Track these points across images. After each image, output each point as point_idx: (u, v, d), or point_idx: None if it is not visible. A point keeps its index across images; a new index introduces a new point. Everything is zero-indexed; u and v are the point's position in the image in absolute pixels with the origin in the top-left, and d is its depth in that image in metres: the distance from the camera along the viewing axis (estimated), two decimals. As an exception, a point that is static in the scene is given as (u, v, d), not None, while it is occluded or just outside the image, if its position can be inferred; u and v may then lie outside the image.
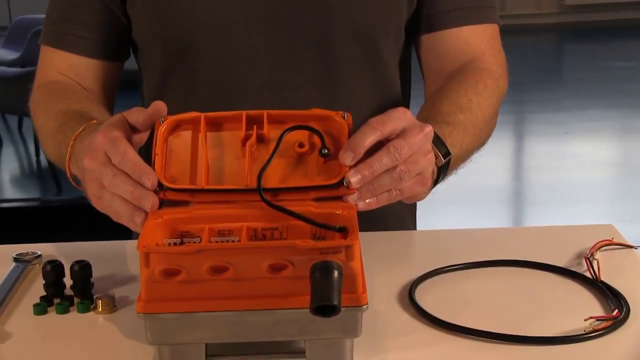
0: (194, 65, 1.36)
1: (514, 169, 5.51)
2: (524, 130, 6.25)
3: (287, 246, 0.96)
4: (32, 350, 1.07)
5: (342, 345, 0.99)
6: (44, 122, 1.31)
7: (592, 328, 1.04)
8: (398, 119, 1.06)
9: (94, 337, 1.08)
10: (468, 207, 4.49)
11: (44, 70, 1.40)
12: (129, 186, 1.02)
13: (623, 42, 8.33)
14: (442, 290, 1.17)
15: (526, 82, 7.06)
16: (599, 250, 1.24)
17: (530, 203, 4.94)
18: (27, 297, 1.17)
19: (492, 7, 1.41)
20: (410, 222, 1.51)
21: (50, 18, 1.40)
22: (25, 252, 1.28)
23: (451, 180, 1.25)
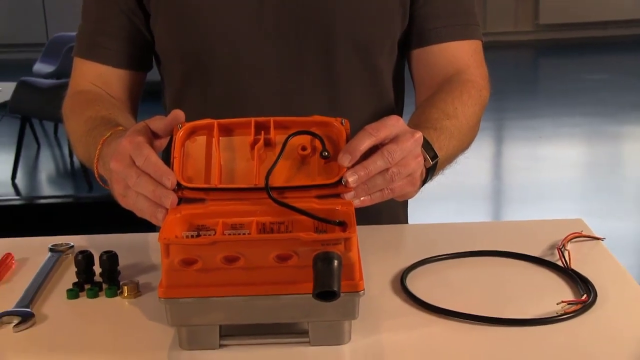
0: (210, 76, 1.35)
1: (494, 170, 5.49)
2: (503, 135, 6.24)
3: (292, 238, 0.96)
4: (65, 330, 1.06)
5: (341, 326, 0.99)
6: (75, 127, 1.30)
7: (563, 311, 1.04)
8: (392, 126, 1.06)
9: (120, 319, 1.08)
10: (454, 204, 4.48)
11: (76, 79, 1.40)
12: (151, 186, 1.02)
13: (591, 57, 8.31)
14: (431, 278, 1.16)
15: (505, 92, 7.04)
16: (569, 241, 1.24)
17: (508, 200, 4.93)
18: (61, 284, 1.17)
19: (476, 25, 1.40)
20: (402, 217, 1.51)
21: (82, 32, 1.40)
22: (59, 243, 1.27)
23: (439, 179, 1.24)
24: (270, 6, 1.30)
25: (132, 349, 1.00)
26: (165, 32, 1.35)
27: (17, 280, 1.18)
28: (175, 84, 1.39)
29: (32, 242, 1.29)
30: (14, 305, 1.09)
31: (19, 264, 1.23)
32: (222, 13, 1.31)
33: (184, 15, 1.32)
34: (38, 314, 1.08)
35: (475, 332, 1.02)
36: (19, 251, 1.26)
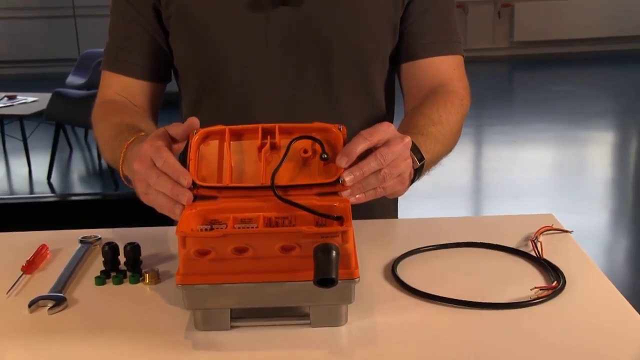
0: (222, 87, 1.34)
1: (475, 170, 5.48)
2: (482, 139, 6.22)
3: (295, 231, 0.95)
4: (94, 312, 1.05)
5: (338, 309, 0.98)
6: (102, 132, 1.29)
7: (536, 296, 1.03)
8: (384, 131, 1.05)
9: (142, 303, 1.07)
10: (439, 201, 4.47)
11: (104, 90, 1.38)
12: (170, 185, 1.01)
13: (559, 70, 8.29)
14: (419, 266, 1.15)
15: (484, 101, 7.03)
16: (541, 234, 1.23)
17: (486, 197, 4.91)
18: (90, 271, 1.16)
19: (458, 42, 1.38)
20: (393, 212, 1.50)
21: (109, 49, 1.39)
22: (88, 236, 1.26)
23: (426, 179, 1.23)
24: (276, 26, 1.29)
25: (153, 329, 0.99)
26: (183, 49, 1.34)
27: (51, 268, 1.17)
28: (192, 94, 1.38)
29: (65, 234, 1.28)
30: (49, 290, 1.08)
31: (53, 254, 1.22)
32: (233, 32, 1.29)
33: (198, 34, 1.31)
34: (70, 298, 1.07)
35: (458, 315, 1.01)
36: (53, 243, 1.25)
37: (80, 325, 1.01)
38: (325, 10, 1.29)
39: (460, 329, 0.98)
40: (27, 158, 5.46)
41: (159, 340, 0.96)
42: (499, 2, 8.61)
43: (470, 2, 8.46)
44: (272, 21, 1.29)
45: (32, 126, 5.49)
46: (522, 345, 0.94)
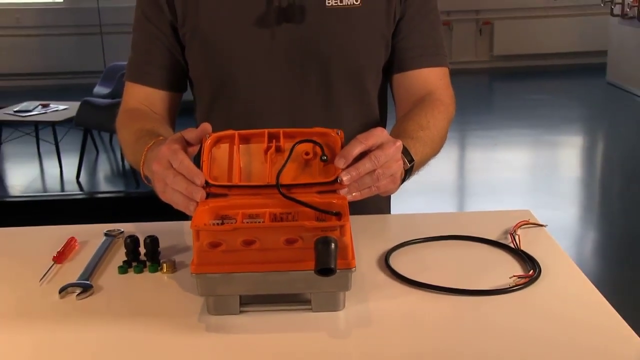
0: (231, 96, 1.32)
1: (459, 170, 5.46)
2: (465, 143, 6.20)
3: (298, 226, 0.94)
4: (117, 298, 1.05)
5: (337, 296, 0.98)
6: (125, 137, 1.28)
7: (514, 283, 1.03)
8: (378, 136, 1.04)
9: (160, 290, 1.06)
10: (427, 198, 4.45)
11: (127, 99, 1.37)
12: (185, 184, 1.00)
13: (534, 81, 8.26)
14: (410, 257, 1.14)
15: (467, 108, 7.01)
16: (519, 227, 1.22)
17: (470, 194, 4.90)
18: (114, 261, 1.15)
19: (444, 55, 1.37)
20: (386, 209, 1.48)
21: (132, 62, 1.37)
22: (112, 229, 1.25)
23: (415, 178, 1.22)
24: (280, 41, 1.28)
25: (169, 314, 0.98)
26: (197, 62, 1.33)
27: (79, 258, 1.16)
28: (204, 102, 1.37)
29: (91, 228, 1.27)
30: (77, 278, 1.07)
31: (80, 246, 1.21)
32: (241, 47, 1.28)
33: (210, 49, 1.30)
34: (95, 285, 1.07)
35: (444, 301, 1.00)
36: (81, 235, 1.24)
37: (104, 310, 1.01)
38: (324, 28, 1.28)
39: (446, 314, 0.97)
40: (59, 160, 5.45)
41: (175, 323, 0.96)
42: (481, 20, 8.59)
43: (455, 20, 8.44)
44: (277, 37, 1.27)
45: (63, 131, 5.47)
46: (500, 329, 0.93)
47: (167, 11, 1.30)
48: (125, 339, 0.93)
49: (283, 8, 1.26)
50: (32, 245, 1.22)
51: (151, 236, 1.13)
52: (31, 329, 0.96)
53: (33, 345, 0.92)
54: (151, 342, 0.92)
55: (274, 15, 1.27)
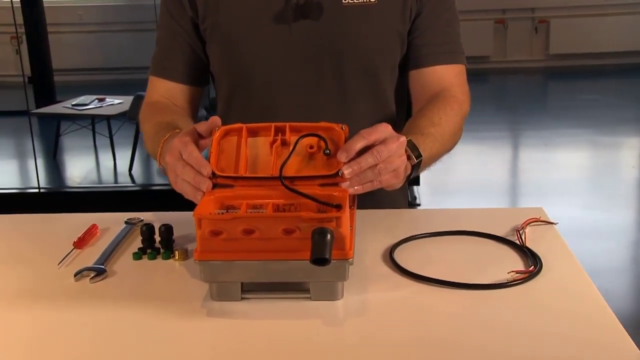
0: (249, 91, 1.36)
1: (509, 170, 5.40)
2: (517, 142, 6.14)
3: (295, 216, 0.96)
4: (129, 282, 1.09)
5: (335, 285, 1.00)
6: (147, 130, 1.33)
7: (512, 278, 1.03)
8: (381, 131, 1.06)
9: (171, 276, 1.10)
10: (474, 197, 4.42)
11: (150, 93, 1.42)
12: (192, 174, 1.04)
13: (592, 80, 8.10)
14: (415, 251, 1.15)
15: (520, 108, 6.94)
16: (528, 225, 1.22)
17: (518, 194, 4.85)
18: (130, 248, 1.19)
19: (461, 53, 1.38)
20: (402, 203, 1.48)
21: (155, 57, 1.42)
22: (133, 218, 1.30)
23: (464, 178, 1.23)
24: (296, 38, 1.31)
25: (176, 298, 1.02)
26: (216, 57, 1.37)
27: (99, 244, 1.21)
28: (224, 96, 1.40)
29: (114, 216, 1.31)
30: (93, 263, 1.12)
31: (101, 232, 1.26)
32: (258, 43, 1.32)
33: (229, 45, 1.33)
34: (109, 270, 1.11)
35: (441, 294, 1.02)
36: (105, 223, 1.28)
37: (115, 293, 1.05)
38: (340, 25, 1.30)
39: (442, 306, 0.99)
40: (113, 153, 5.57)
41: (180, 307, 0.99)
42: (537, 18, 8.45)
43: (510, 19, 8.33)
44: (294, 33, 1.30)
45: (118, 125, 5.59)
46: (494, 322, 0.94)
47: (188, 8, 1.34)
48: (131, 321, 0.97)
49: (300, 5, 1.29)
50: (56, 231, 1.28)
51: (166, 225, 1.17)
52: (43, 308, 1.01)
53: (43, 324, 0.97)
54: (155, 324, 0.96)
55: (291, 12, 1.30)
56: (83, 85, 7.96)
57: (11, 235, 1.29)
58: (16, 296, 1.05)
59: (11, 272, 1.13)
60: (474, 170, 5.41)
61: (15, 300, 1.03)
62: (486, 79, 8.24)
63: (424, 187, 4.51)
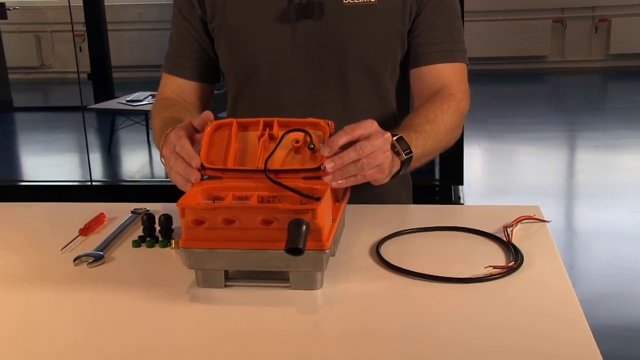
0: (255, 87, 1.40)
1: (562, 171, 5.32)
2: (573, 144, 6.04)
3: (273, 207, 1.00)
4: (125, 268, 1.14)
5: (314, 275, 1.03)
6: (156, 123, 1.38)
7: (490, 273, 1.06)
8: (366, 127, 1.09)
9: (165, 264, 1.15)
10: (526, 197, 4.38)
11: (162, 89, 1.48)
12: (183, 166, 1.09)
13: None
14: (402, 245, 1.18)
15: (577, 109, 6.83)
16: (520, 222, 1.24)
17: (571, 196, 4.77)
18: (132, 236, 1.25)
19: (461, 51, 1.40)
20: (405, 199, 1.51)
21: (168, 55, 1.48)
22: (139, 208, 1.35)
23: (515, 178, 1.24)
24: (300, 37, 1.35)
25: (165, 284, 1.07)
26: (224, 55, 1.42)
27: (104, 232, 1.27)
28: (232, 92, 1.45)
29: (123, 206, 1.37)
30: (93, 249, 1.18)
31: (108, 221, 1.32)
32: (263, 41, 1.36)
33: (235, 43, 1.38)
34: (108, 257, 1.17)
35: (422, 286, 1.04)
36: (113, 212, 1.35)
37: (110, 278, 1.11)
38: (341, 24, 1.34)
39: (419, 298, 1.01)
40: (165, 148, 5.70)
41: (167, 293, 1.04)
42: (597, 17, 8.29)
43: (569, 17, 8.19)
44: (296, 33, 1.34)
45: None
46: (466, 315, 0.96)
47: (197, 7, 1.40)
48: (121, 304, 1.03)
49: (303, 5, 1.33)
50: (66, 219, 1.34)
51: (165, 214, 1.22)
52: (38, 290, 1.07)
53: (35, 304, 1.04)
54: (142, 307, 1.01)
55: (294, 12, 1.34)
56: (141, 82, 8.14)
57: (24, 221, 1.37)
58: (16, 278, 1.12)
59: (15, 256, 1.20)
60: (525, 170, 5.36)
61: (14, 282, 1.10)
62: (543, 79, 8.13)
63: (474, 187, 4.50)
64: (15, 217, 1.41)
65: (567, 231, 4.03)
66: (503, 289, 1.03)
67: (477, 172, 5.10)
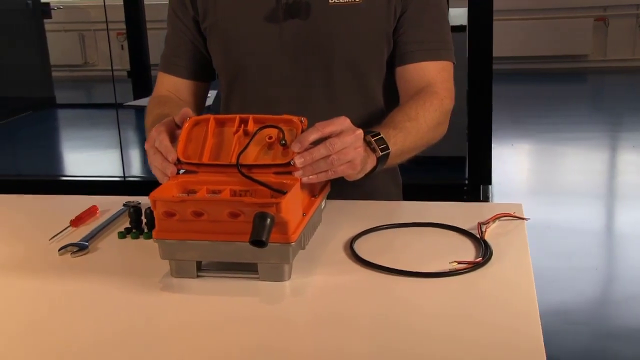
0: (245, 85, 1.44)
1: (609, 170, 5.25)
2: (614, 144, 5.95)
3: (238, 201, 1.04)
4: (107, 258, 1.19)
5: (281, 267, 1.06)
6: (148, 120, 1.43)
7: (455, 268, 1.08)
8: (337, 124, 1.12)
9: (146, 254, 1.18)
10: (564, 199, 4.35)
11: (157, 87, 1.52)
12: (160, 160, 1.13)
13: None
14: (378, 241, 1.20)
15: (619, 109, 6.71)
16: (498, 219, 1.25)
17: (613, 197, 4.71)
18: (120, 228, 1.29)
19: (446, 50, 1.41)
20: (395, 196, 1.53)
21: (164, 54, 1.52)
22: (131, 201, 1.40)
23: (550, 179, 1.25)
24: (288, 36, 1.38)
25: (141, 274, 1.11)
26: (216, 54, 1.46)
27: (94, 224, 1.32)
28: (225, 90, 1.49)
29: (116, 199, 1.42)
30: (79, 240, 1.23)
31: (101, 213, 1.37)
32: (253, 40, 1.40)
33: (226, 42, 1.42)
34: (93, 247, 1.22)
35: (390, 280, 1.07)
36: (106, 205, 1.40)
37: (91, 267, 1.16)
38: (327, 23, 1.36)
39: (383, 291, 1.04)
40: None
41: (142, 282, 1.09)
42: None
43: (612, 16, 8.05)
44: (284, 32, 1.38)
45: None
46: (429, 309, 0.99)
47: (190, 8, 1.44)
48: (96, 292, 1.07)
49: (290, 4, 1.36)
50: (60, 211, 1.39)
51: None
52: (19, 277, 1.13)
53: (15, 291, 1.09)
54: (116, 296, 1.06)
55: (282, 12, 1.37)
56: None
57: (18, 213, 1.43)
58: (1, 266, 1.17)
59: (3, 245, 1.26)
60: (561, 171, 5.31)
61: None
62: (584, 79, 8.01)
63: (504, 187, 4.48)
64: (6, 209, 1.46)
65: (604, 232, 3.99)
66: (468, 283, 1.05)
67: (508, 172, 5.06)
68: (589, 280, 3.31)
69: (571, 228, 3.92)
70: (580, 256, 3.52)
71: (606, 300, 3.23)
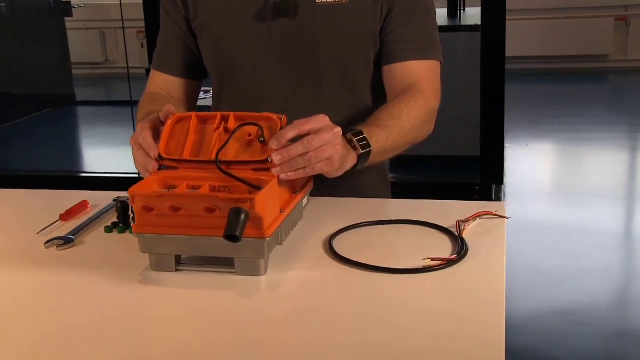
0: (234, 83, 1.46)
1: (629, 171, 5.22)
2: (635, 145, 5.90)
3: (213, 196, 1.06)
4: (92, 252, 1.22)
5: (257, 262, 1.09)
6: (139, 117, 1.45)
7: (428, 265, 1.09)
8: (317, 122, 1.13)
9: (130, 249, 1.18)
10: (580, 200, 4.33)
11: (149, 85, 1.55)
12: (142, 156, 1.16)
13: None
14: (357, 238, 1.22)
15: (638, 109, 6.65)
16: (479, 217, 1.26)
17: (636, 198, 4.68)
18: (107, 222, 1.32)
19: (433, 49, 1.42)
20: (384, 194, 1.55)
21: (156, 53, 1.55)
22: (121, 196, 1.40)
23: (568, 179, 1.26)
24: (276, 35, 1.40)
25: (124, 267, 1.13)
26: (206, 53, 1.48)
27: (84, 218, 1.35)
28: (216, 87, 1.52)
29: (107, 194, 1.45)
30: (66, 234, 1.26)
31: (91, 208, 1.40)
32: (241, 39, 1.42)
33: (215, 41, 1.44)
34: (80, 241, 1.25)
35: (365, 276, 1.08)
36: (97, 200, 1.43)
37: (75, 260, 1.19)
38: (314, 23, 1.38)
39: (358, 286, 1.07)
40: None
41: (123, 275, 1.11)
42: (664, 14, 8.04)
43: (633, 15, 7.98)
44: (272, 31, 1.40)
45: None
46: (403, 304, 1.01)
47: (181, 7, 1.47)
48: (78, 285, 1.10)
49: (278, 4, 1.38)
50: (51, 205, 1.42)
51: (139, 202, 1.29)
52: (4, 269, 1.16)
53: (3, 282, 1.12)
54: (96, 289, 1.09)
55: (270, 11, 1.39)
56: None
57: (8, 207, 1.46)
58: (-14, 258, 1.21)
59: (-8, 238, 1.29)
60: (577, 172, 5.27)
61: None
62: (604, 79, 7.95)
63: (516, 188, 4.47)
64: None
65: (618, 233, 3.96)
66: (442, 279, 1.07)
67: (522, 173, 5.04)
68: (597, 281, 3.29)
69: (583, 229, 3.90)
70: (590, 257, 3.51)
71: (614, 302, 3.21)
